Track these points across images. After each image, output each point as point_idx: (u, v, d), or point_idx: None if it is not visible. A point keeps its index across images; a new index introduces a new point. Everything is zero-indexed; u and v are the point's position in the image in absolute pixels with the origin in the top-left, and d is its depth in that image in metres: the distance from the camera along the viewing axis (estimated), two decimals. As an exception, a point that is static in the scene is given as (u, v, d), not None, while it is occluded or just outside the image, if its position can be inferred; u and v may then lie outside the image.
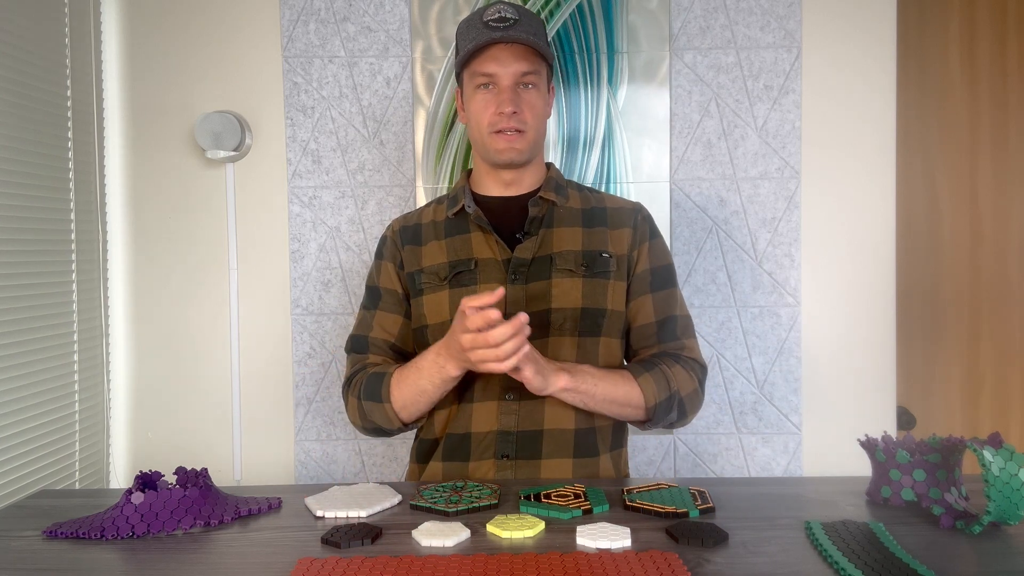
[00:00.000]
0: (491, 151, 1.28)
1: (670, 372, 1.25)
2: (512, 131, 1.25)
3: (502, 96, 1.24)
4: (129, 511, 1.00)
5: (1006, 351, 1.89)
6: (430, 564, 0.86)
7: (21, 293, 1.53)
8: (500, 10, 1.24)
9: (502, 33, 1.22)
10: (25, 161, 1.55)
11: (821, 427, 1.85)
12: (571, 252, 1.28)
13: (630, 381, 1.23)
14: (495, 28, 1.22)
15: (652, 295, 1.32)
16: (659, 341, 1.31)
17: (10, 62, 1.51)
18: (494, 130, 1.26)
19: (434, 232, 1.34)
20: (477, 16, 1.26)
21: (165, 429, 1.89)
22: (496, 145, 1.27)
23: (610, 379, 1.22)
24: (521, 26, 1.23)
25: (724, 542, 0.93)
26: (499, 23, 1.23)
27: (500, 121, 1.25)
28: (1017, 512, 0.92)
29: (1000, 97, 1.87)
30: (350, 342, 1.36)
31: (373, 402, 1.26)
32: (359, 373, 1.31)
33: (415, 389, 1.23)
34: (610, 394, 1.22)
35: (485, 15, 1.24)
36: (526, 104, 1.25)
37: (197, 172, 1.86)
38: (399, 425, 1.28)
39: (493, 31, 1.22)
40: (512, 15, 1.23)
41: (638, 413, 1.25)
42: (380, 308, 1.35)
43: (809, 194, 1.83)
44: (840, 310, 1.84)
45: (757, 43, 1.82)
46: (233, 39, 1.85)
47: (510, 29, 1.22)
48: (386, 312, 1.35)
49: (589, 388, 1.20)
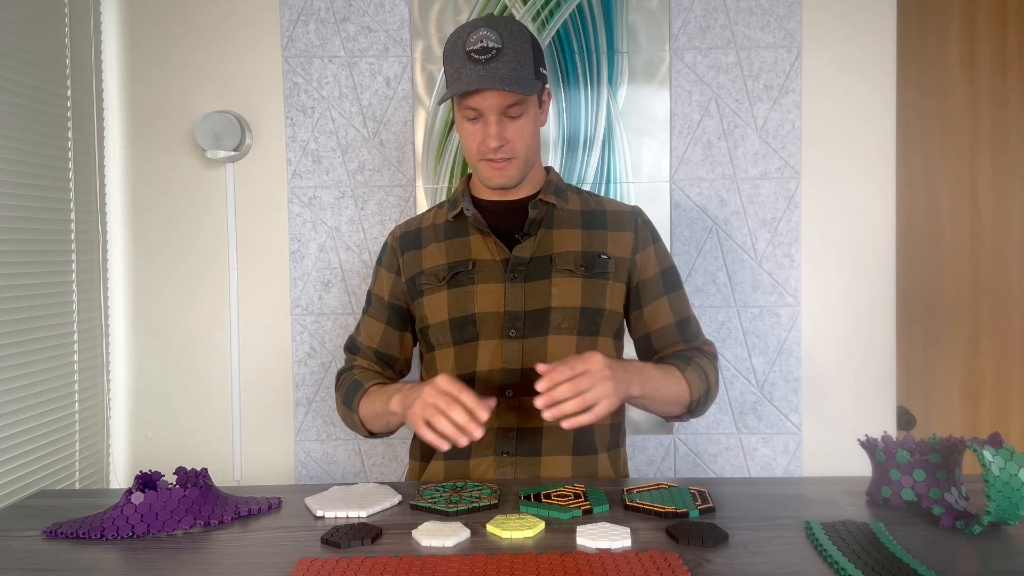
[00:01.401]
0: (482, 178, 1.31)
1: (705, 366, 1.28)
2: (500, 160, 1.26)
3: (488, 130, 1.23)
4: (129, 511, 1.00)
5: (1006, 351, 1.89)
6: (430, 564, 0.86)
7: (21, 293, 1.53)
8: (483, 38, 1.19)
9: (483, 70, 1.19)
10: (25, 161, 1.55)
11: (821, 427, 1.85)
12: (571, 253, 1.30)
13: (679, 378, 1.25)
14: (477, 61, 1.19)
15: (667, 297, 1.35)
16: (684, 341, 1.34)
17: (10, 62, 1.51)
18: (483, 159, 1.27)
19: (434, 235, 1.36)
20: (461, 43, 1.22)
21: (165, 429, 1.89)
22: (485, 173, 1.29)
23: (668, 379, 1.23)
24: (504, 56, 1.19)
25: (724, 542, 0.93)
26: (481, 54, 1.19)
27: (487, 152, 1.25)
28: (1017, 512, 0.92)
29: (1000, 97, 1.87)
30: (347, 342, 1.45)
31: (346, 408, 1.34)
32: (346, 373, 1.39)
33: (376, 410, 1.28)
34: (667, 394, 1.23)
35: (468, 43, 1.20)
36: (513, 133, 1.25)
37: (197, 172, 1.86)
38: (366, 434, 1.35)
39: (475, 65, 1.19)
40: (495, 43, 1.19)
41: (679, 409, 1.28)
42: (369, 314, 1.42)
43: (809, 194, 1.83)
44: (840, 310, 1.84)
45: (757, 43, 1.82)
46: (233, 39, 1.85)
47: (492, 61, 1.19)
48: (372, 319, 1.41)
49: (652, 392, 1.20)
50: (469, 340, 1.29)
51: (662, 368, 1.25)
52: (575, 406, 1.05)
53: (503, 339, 1.27)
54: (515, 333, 1.27)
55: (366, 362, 1.40)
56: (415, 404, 1.13)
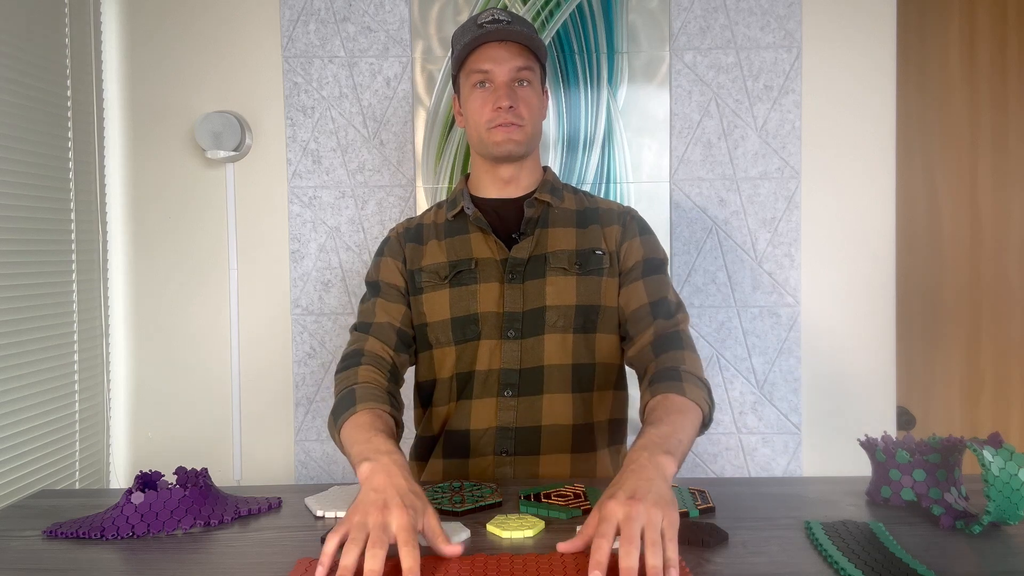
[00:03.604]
0: (489, 145, 1.29)
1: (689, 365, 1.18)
2: (510, 124, 1.27)
3: (499, 92, 1.26)
4: (129, 511, 1.00)
5: (1006, 351, 1.89)
6: (430, 564, 0.86)
7: (21, 293, 1.53)
8: (494, 14, 1.29)
9: (497, 29, 1.25)
10: (25, 161, 1.55)
11: (821, 427, 1.85)
12: (565, 251, 1.30)
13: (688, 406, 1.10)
14: (489, 29, 1.26)
15: (644, 280, 1.28)
16: (654, 318, 1.24)
17: (10, 62, 1.51)
18: (492, 126, 1.28)
19: (435, 233, 1.36)
20: (471, 20, 1.30)
21: (165, 429, 1.89)
22: (494, 138, 1.28)
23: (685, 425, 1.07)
24: (515, 25, 1.28)
25: (724, 542, 0.93)
26: (493, 24, 1.27)
27: (498, 117, 1.26)
28: (1017, 512, 0.92)
29: (1000, 98, 1.87)
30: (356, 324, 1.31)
31: (333, 418, 1.17)
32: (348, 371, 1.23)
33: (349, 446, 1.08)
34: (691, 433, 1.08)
35: (479, 19, 1.29)
36: (522, 100, 1.28)
37: (197, 172, 1.86)
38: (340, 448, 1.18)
39: (487, 32, 1.26)
40: (505, 18, 1.28)
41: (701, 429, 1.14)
42: (381, 297, 1.31)
43: (809, 194, 1.83)
44: (840, 310, 1.84)
45: (757, 43, 1.82)
46: (233, 39, 1.85)
47: (504, 28, 1.25)
48: (388, 301, 1.31)
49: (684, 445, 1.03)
50: (471, 339, 1.28)
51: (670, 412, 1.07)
52: (653, 557, 0.80)
53: (502, 339, 1.27)
54: (514, 334, 1.27)
55: (378, 344, 1.26)
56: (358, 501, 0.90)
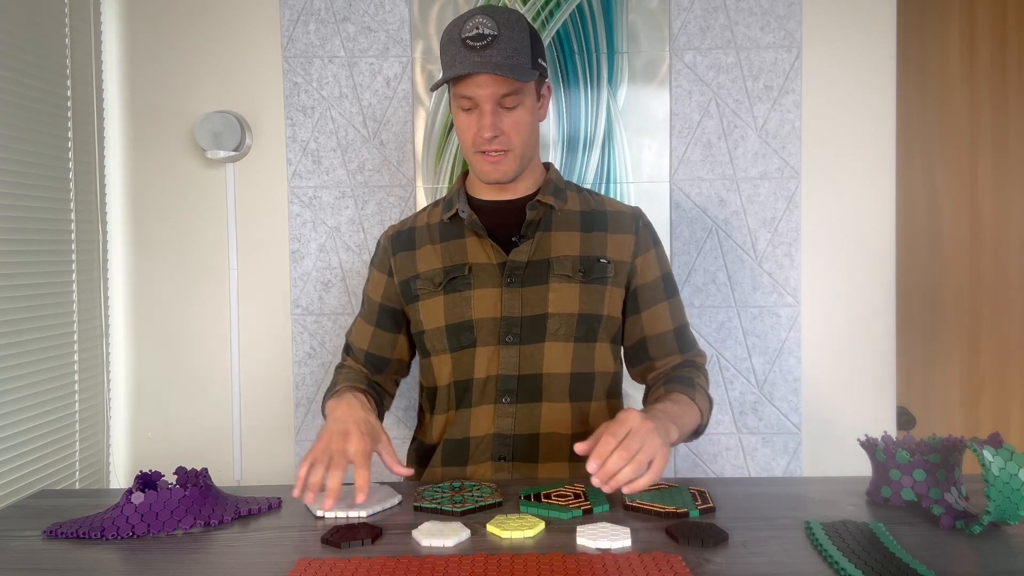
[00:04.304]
0: (477, 171, 1.29)
1: (705, 385, 1.29)
2: (495, 152, 1.23)
3: (483, 120, 1.21)
4: (129, 511, 1.00)
5: (1006, 351, 1.89)
6: (429, 564, 0.86)
7: (21, 293, 1.53)
8: (478, 25, 1.18)
9: (478, 57, 1.18)
10: (25, 161, 1.55)
11: (821, 427, 1.85)
12: (569, 257, 1.27)
13: (692, 406, 1.21)
14: (472, 48, 1.18)
15: (668, 302, 1.33)
16: (680, 351, 1.33)
17: (10, 62, 1.51)
18: (478, 151, 1.24)
19: (428, 236, 1.34)
20: (456, 31, 1.21)
21: (165, 429, 1.89)
22: (480, 167, 1.26)
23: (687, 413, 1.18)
24: (500, 43, 1.18)
25: (724, 542, 0.93)
26: (476, 41, 1.18)
27: (482, 143, 1.23)
28: (1017, 512, 0.92)
29: (1000, 98, 1.87)
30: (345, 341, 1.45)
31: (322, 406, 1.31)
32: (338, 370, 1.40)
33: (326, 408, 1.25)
34: (688, 428, 1.18)
35: (464, 30, 1.19)
36: (509, 125, 1.22)
37: (197, 172, 1.86)
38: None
39: (470, 51, 1.18)
40: (490, 31, 1.18)
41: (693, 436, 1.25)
42: (361, 316, 1.41)
43: (809, 194, 1.83)
44: (840, 310, 1.84)
45: (757, 43, 1.82)
46: (233, 39, 1.85)
47: (487, 49, 1.17)
48: (364, 321, 1.40)
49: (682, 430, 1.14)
50: (466, 346, 1.27)
51: (678, 402, 1.19)
52: (631, 471, 0.97)
53: (500, 345, 1.25)
54: (512, 339, 1.25)
55: (356, 364, 1.40)
56: (323, 429, 1.11)
